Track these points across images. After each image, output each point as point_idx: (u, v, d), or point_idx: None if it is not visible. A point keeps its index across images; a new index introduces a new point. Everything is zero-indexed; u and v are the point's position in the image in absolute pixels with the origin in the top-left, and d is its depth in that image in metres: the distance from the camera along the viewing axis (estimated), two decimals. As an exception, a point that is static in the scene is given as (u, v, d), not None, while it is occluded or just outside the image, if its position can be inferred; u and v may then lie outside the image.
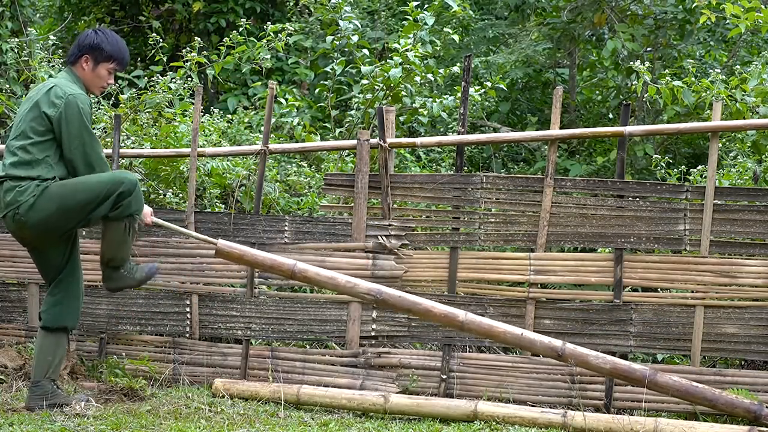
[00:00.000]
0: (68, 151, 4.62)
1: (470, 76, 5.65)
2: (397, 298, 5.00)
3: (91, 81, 4.81)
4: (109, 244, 4.77)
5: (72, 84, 4.73)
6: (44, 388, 4.81)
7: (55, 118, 4.59)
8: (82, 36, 4.83)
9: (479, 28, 9.88)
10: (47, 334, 4.83)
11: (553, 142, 5.48)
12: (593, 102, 9.23)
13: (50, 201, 4.59)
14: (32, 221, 4.60)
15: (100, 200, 4.63)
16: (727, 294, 5.28)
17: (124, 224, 4.70)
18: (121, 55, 4.81)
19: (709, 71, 7.25)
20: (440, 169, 7.53)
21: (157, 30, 9.33)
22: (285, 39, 8.02)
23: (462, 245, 5.55)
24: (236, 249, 5.05)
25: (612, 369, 4.89)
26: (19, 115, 4.74)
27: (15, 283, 5.96)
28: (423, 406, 4.98)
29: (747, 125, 5.70)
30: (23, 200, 4.58)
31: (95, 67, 4.78)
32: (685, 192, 5.35)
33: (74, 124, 4.60)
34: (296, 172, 6.86)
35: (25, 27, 8.69)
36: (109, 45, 4.77)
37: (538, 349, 4.96)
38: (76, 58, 4.78)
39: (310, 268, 5.05)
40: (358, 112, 7.48)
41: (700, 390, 4.83)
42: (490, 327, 4.95)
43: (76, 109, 4.60)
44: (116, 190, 4.64)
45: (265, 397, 5.18)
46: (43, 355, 4.82)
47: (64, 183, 4.65)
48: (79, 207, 4.62)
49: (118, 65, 4.83)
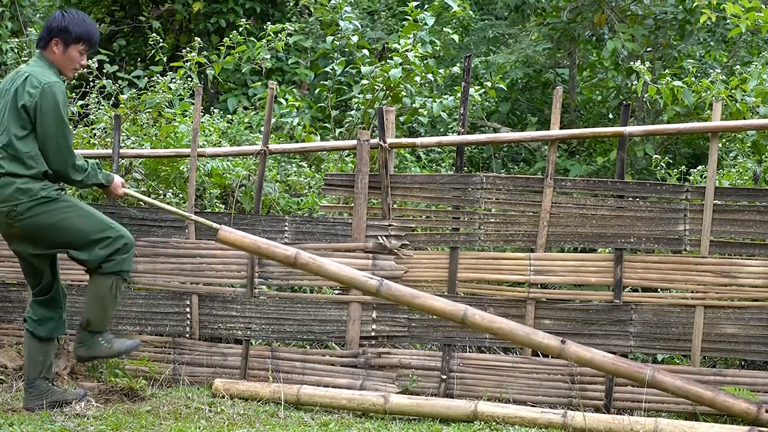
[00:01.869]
0: (42, 139, 4.60)
1: (470, 76, 5.65)
2: (397, 290, 5.00)
3: (63, 64, 4.76)
4: (93, 303, 4.72)
5: (47, 70, 4.69)
6: (40, 387, 4.81)
7: (32, 108, 4.56)
8: (50, 19, 4.78)
9: (479, 28, 9.88)
10: (38, 342, 4.84)
11: (553, 142, 5.48)
12: (593, 102, 9.23)
13: (52, 212, 4.60)
14: (25, 223, 4.59)
15: (99, 239, 4.64)
16: (727, 294, 5.28)
17: (112, 282, 4.68)
18: (89, 35, 4.76)
19: (709, 71, 7.25)
20: (440, 169, 7.53)
21: (157, 30, 9.33)
22: (285, 39, 8.02)
23: (462, 245, 5.55)
24: (237, 235, 5.04)
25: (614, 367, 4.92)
26: (1, 102, 4.68)
27: (15, 283, 5.96)
28: (423, 407, 4.98)
29: (747, 125, 5.70)
30: (24, 200, 4.56)
31: (65, 49, 4.73)
32: (685, 192, 5.35)
33: (49, 114, 4.58)
34: (296, 173, 6.86)
35: (25, 27, 8.69)
36: (77, 26, 4.72)
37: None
38: (46, 43, 4.74)
39: (312, 258, 5.05)
40: (358, 113, 7.48)
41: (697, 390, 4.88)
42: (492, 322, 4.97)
43: (52, 98, 4.58)
44: (118, 239, 4.68)
45: (265, 397, 5.18)
46: (34, 357, 4.84)
47: (75, 204, 4.68)
48: (76, 233, 4.63)
49: (87, 45, 4.78)
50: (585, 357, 4.93)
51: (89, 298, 4.74)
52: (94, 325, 4.73)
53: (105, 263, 4.66)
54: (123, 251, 4.70)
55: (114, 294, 4.71)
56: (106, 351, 4.76)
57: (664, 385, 4.90)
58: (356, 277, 5.05)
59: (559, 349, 4.92)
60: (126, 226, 5.73)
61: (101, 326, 4.76)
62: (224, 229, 5.02)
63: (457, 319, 4.98)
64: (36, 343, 4.84)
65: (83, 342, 4.77)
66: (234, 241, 5.03)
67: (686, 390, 4.88)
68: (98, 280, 4.69)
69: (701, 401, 4.91)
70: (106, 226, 4.71)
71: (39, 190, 4.60)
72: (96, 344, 4.75)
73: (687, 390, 4.88)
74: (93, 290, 4.72)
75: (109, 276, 4.68)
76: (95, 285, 4.70)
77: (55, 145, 4.60)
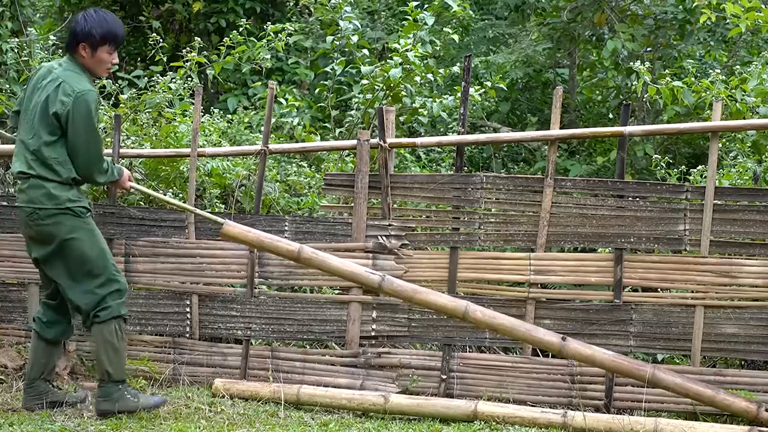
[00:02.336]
0: (72, 146, 4.61)
1: (470, 76, 5.65)
2: (398, 285, 5.01)
3: (93, 66, 4.76)
4: (105, 353, 4.66)
5: (79, 76, 4.69)
6: (39, 388, 4.81)
7: (63, 116, 4.57)
8: (73, 24, 4.78)
9: (479, 28, 9.88)
10: (44, 343, 4.85)
11: (553, 142, 5.48)
12: (593, 102, 9.23)
13: (69, 228, 4.61)
14: (41, 229, 4.61)
15: (97, 275, 4.63)
16: (727, 294, 5.27)
17: (114, 326, 4.66)
18: (113, 34, 4.73)
19: (709, 71, 7.25)
20: (440, 169, 7.53)
21: (157, 30, 9.33)
22: (285, 39, 8.02)
23: (462, 245, 5.55)
24: (240, 229, 5.03)
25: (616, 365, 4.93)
26: (30, 107, 4.68)
27: (15, 283, 5.96)
28: (423, 406, 4.98)
29: (747, 125, 5.70)
30: (48, 206, 4.58)
31: (93, 52, 4.72)
32: (685, 192, 5.34)
33: (81, 123, 4.59)
34: (296, 172, 6.86)
35: (25, 27, 8.68)
36: (100, 28, 4.69)
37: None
38: (73, 47, 4.74)
39: (315, 253, 5.05)
40: (358, 112, 7.48)
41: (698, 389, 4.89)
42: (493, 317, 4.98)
43: (85, 107, 4.59)
44: (114, 282, 4.68)
45: (265, 397, 5.18)
46: (37, 358, 4.84)
47: (92, 231, 4.69)
48: (80, 257, 4.63)
49: (114, 45, 4.76)
50: (585, 354, 4.93)
51: (100, 350, 4.67)
52: (115, 375, 4.68)
53: (101, 311, 4.64)
54: (117, 296, 4.69)
55: (121, 337, 4.70)
56: (133, 405, 4.67)
57: (664, 382, 4.90)
58: (358, 271, 5.05)
59: (559, 346, 4.92)
60: (126, 226, 5.78)
61: (121, 374, 4.71)
62: (228, 224, 5.02)
63: (459, 315, 4.98)
64: (42, 345, 4.84)
65: (108, 396, 4.67)
66: (237, 236, 5.03)
67: (686, 388, 4.89)
68: (101, 329, 4.65)
69: (701, 399, 4.91)
70: (109, 264, 4.71)
71: (66, 200, 4.62)
72: (123, 398, 4.67)
73: (687, 388, 4.89)
74: (100, 340, 4.66)
75: (110, 322, 4.65)
76: (100, 335, 4.65)
77: (85, 152, 4.63)
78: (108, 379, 4.68)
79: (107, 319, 4.65)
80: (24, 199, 4.66)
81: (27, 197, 4.63)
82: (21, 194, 4.68)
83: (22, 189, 4.67)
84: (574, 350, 4.92)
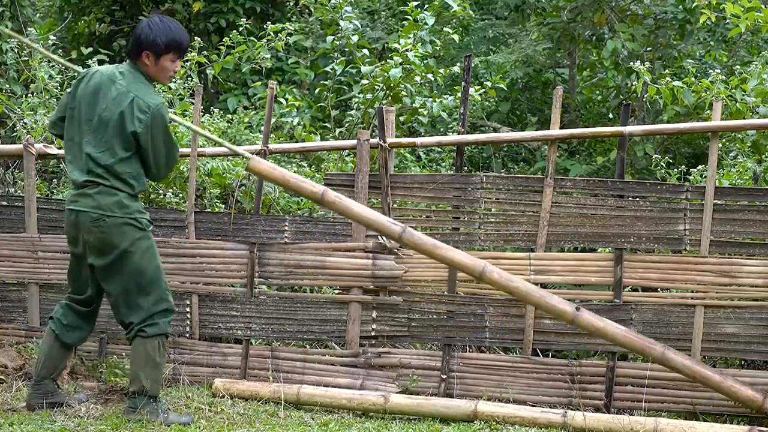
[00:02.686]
0: (152, 159, 4.63)
1: (470, 76, 5.65)
2: (419, 238, 4.95)
3: (157, 74, 4.74)
4: (145, 367, 4.64)
5: (147, 87, 4.66)
6: (47, 387, 4.81)
7: (142, 134, 4.55)
8: (137, 31, 4.71)
9: (479, 28, 9.89)
10: (60, 345, 4.83)
11: (553, 142, 5.48)
12: (593, 102, 9.23)
13: (131, 240, 4.59)
14: (104, 236, 4.57)
15: (151, 291, 4.63)
16: (727, 294, 5.27)
17: (157, 343, 4.65)
18: (178, 43, 4.69)
19: (709, 71, 7.25)
20: (440, 169, 7.53)
21: (157, 30, 9.31)
22: (285, 39, 8.02)
23: (462, 245, 5.54)
24: (267, 166, 5.00)
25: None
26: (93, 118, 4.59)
27: (15, 283, 5.96)
28: (423, 406, 4.98)
29: (747, 125, 5.70)
30: (118, 214, 4.56)
31: (157, 60, 4.68)
32: (685, 192, 5.34)
33: (160, 137, 4.62)
34: (296, 172, 6.86)
35: (25, 27, 8.69)
36: (164, 36, 4.65)
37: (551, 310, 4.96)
38: (137, 55, 4.70)
39: (339, 197, 5.00)
40: (358, 112, 7.48)
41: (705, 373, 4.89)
42: (509, 281, 4.96)
43: (161, 121, 4.60)
44: (166, 301, 4.69)
45: (265, 397, 5.18)
46: (51, 359, 4.82)
47: (152, 246, 4.69)
48: (136, 270, 4.61)
49: (178, 53, 4.73)
50: (597, 326, 4.86)
51: (139, 364, 4.65)
52: (151, 390, 4.66)
53: (148, 327, 4.63)
54: (165, 315, 4.69)
55: (162, 353, 4.70)
56: (162, 421, 4.63)
57: (673, 362, 4.86)
58: (379, 220, 5.00)
59: (572, 316, 4.85)
60: (126, 226, 5.76)
61: (156, 390, 4.69)
62: (254, 159, 4.98)
63: (476, 274, 4.91)
64: (57, 346, 4.82)
65: (139, 407, 4.65)
66: (263, 172, 4.98)
67: (694, 371, 4.85)
68: (144, 343, 4.64)
69: (708, 384, 4.87)
70: (162, 282, 4.71)
71: (135, 210, 4.64)
72: (154, 412, 4.65)
73: (695, 371, 4.85)
74: (142, 355, 4.64)
75: (154, 338, 4.65)
76: (143, 349, 4.64)
77: (167, 164, 4.71)
78: (142, 393, 4.65)
79: (153, 335, 4.64)
80: (91, 204, 4.57)
81: (95, 203, 4.56)
82: (85, 198, 4.58)
83: (89, 194, 4.57)
84: (586, 321, 4.86)
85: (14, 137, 7.16)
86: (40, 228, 5.86)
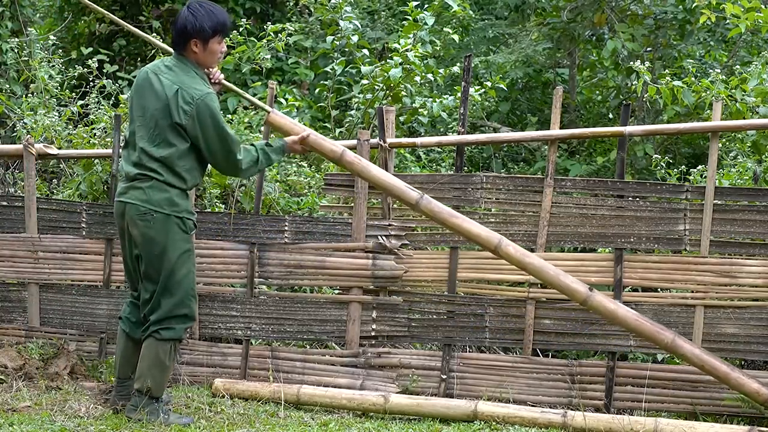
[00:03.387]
0: (208, 153, 4.60)
1: (470, 76, 5.65)
2: (436, 206, 4.95)
3: (206, 61, 4.70)
4: (152, 368, 4.62)
5: (194, 78, 4.62)
6: (129, 387, 4.82)
7: (189, 125, 4.53)
8: (181, 21, 4.64)
9: (479, 28, 9.88)
10: (133, 343, 4.81)
11: (553, 142, 5.48)
12: (593, 102, 9.23)
13: (173, 238, 4.58)
14: (147, 230, 4.56)
15: (176, 292, 4.61)
16: (727, 294, 5.28)
17: (170, 346, 4.65)
18: (223, 24, 4.67)
19: (709, 71, 7.24)
20: (440, 169, 7.53)
21: (157, 30, 9.33)
22: (285, 39, 8.02)
23: (462, 245, 5.55)
24: (286, 120, 5.00)
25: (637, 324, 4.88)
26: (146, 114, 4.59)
27: (15, 283, 5.96)
28: (423, 406, 4.98)
29: (747, 125, 5.70)
30: (166, 211, 4.56)
31: (205, 46, 4.65)
32: (685, 192, 5.35)
33: (210, 129, 4.55)
34: (296, 172, 6.86)
35: (25, 27, 8.69)
36: (209, 21, 4.61)
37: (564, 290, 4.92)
38: (184, 45, 4.65)
39: (358, 158, 5.03)
40: (358, 112, 7.48)
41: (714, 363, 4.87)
42: (523, 257, 4.92)
43: (209, 112, 4.54)
44: (189, 305, 4.67)
45: (265, 397, 5.18)
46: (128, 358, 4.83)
47: (190, 250, 4.67)
48: (167, 268, 4.58)
49: (223, 34, 4.71)
50: (609, 308, 4.82)
51: (148, 363, 4.63)
52: (155, 391, 4.65)
53: (164, 330, 4.62)
54: (183, 321, 4.67)
55: (172, 358, 4.69)
56: (162, 421, 4.63)
57: (682, 350, 4.83)
58: (398, 185, 4.98)
59: (585, 296, 4.80)
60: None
61: (160, 392, 4.69)
62: (274, 112, 4.98)
63: (491, 247, 4.88)
64: (131, 344, 4.82)
65: (140, 406, 4.64)
66: (282, 126, 4.96)
67: (703, 360, 4.83)
68: (156, 345, 4.63)
69: (715, 374, 4.85)
70: (190, 288, 4.69)
71: (184, 209, 4.63)
72: (154, 412, 4.64)
73: (704, 360, 4.83)
74: (152, 356, 4.63)
75: (167, 342, 4.64)
76: (154, 350, 4.63)
77: (224, 157, 4.62)
78: (145, 393, 4.65)
79: (166, 339, 4.64)
80: (141, 198, 4.55)
81: (146, 197, 4.55)
82: (136, 191, 4.57)
83: (140, 187, 4.56)
84: (598, 303, 4.82)
85: (14, 137, 7.16)
86: (40, 228, 5.86)
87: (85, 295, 5.85)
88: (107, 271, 5.81)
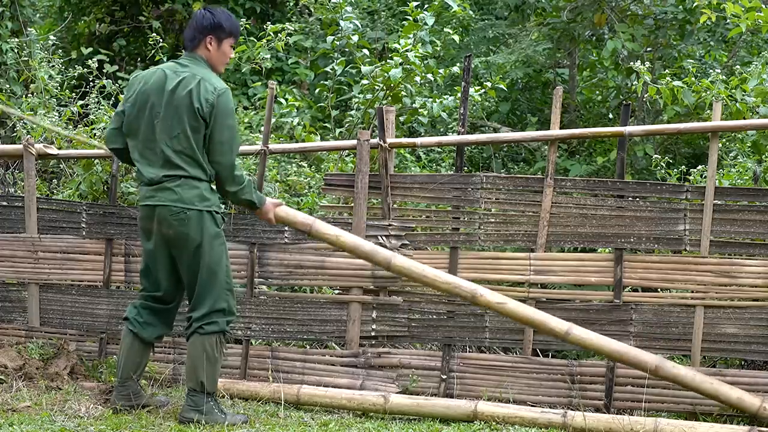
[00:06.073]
0: (213, 144, 4.60)
1: (470, 76, 5.65)
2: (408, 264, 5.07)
3: (217, 60, 4.77)
4: (202, 364, 4.61)
5: (211, 72, 4.70)
6: (132, 387, 4.85)
7: (207, 114, 4.55)
8: (198, 19, 4.74)
9: (479, 28, 9.88)
10: (140, 343, 4.82)
11: (553, 142, 5.48)
12: (593, 102, 9.23)
13: (208, 234, 4.59)
14: (182, 230, 4.57)
15: (211, 286, 4.62)
16: (727, 294, 5.27)
17: (215, 339, 4.65)
18: (237, 29, 4.83)
19: (709, 71, 7.25)
20: (440, 169, 7.53)
21: (157, 30, 9.33)
22: (285, 39, 8.02)
23: (462, 245, 5.55)
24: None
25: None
26: (168, 111, 4.58)
27: (15, 283, 5.96)
28: (423, 406, 4.98)
29: (747, 125, 5.70)
30: (198, 207, 4.57)
31: (219, 45, 4.74)
32: (685, 192, 5.34)
33: (225, 121, 4.60)
34: (296, 172, 6.86)
35: (25, 27, 8.69)
36: (227, 21, 4.75)
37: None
38: (198, 42, 4.73)
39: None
40: (358, 112, 7.48)
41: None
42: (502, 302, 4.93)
43: (227, 105, 4.60)
44: (230, 298, 4.70)
45: (265, 397, 5.18)
46: (133, 358, 4.83)
47: (224, 244, 4.70)
48: (207, 265, 4.60)
49: (235, 39, 4.83)
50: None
51: (196, 360, 4.63)
52: (208, 386, 4.64)
53: (207, 325, 4.63)
54: (223, 315, 4.68)
55: (220, 350, 4.69)
56: (220, 420, 4.61)
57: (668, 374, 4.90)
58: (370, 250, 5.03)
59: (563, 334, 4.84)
60: (126, 226, 5.78)
61: (213, 386, 4.68)
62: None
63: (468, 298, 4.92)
64: (138, 345, 4.81)
65: (197, 406, 4.63)
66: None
67: (687, 381, 4.89)
68: (202, 340, 4.63)
69: (704, 393, 4.92)
70: (228, 282, 4.71)
71: (214, 203, 4.64)
72: (212, 413, 4.63)
73: (689, 381, 4.89)
74: (199, 351, 4.62)
75: (212, 335, 4.64)
76: (201, 346, 4.63)
77: (228, 150, 4.63)
78: (200, 390, 4.64)
79: (210, 332, 4.64)
80: (172, 198, 4.56)
81: (177, 196, 4.56)
82: (165, 192, 4.56)
83: (168, 187, 4.56)
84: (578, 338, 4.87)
85: (14, 137, 7.16)
86: (40, 228, 5.86)
87: (85, 295, 5.86)
88: (107, 271, 5.82)
